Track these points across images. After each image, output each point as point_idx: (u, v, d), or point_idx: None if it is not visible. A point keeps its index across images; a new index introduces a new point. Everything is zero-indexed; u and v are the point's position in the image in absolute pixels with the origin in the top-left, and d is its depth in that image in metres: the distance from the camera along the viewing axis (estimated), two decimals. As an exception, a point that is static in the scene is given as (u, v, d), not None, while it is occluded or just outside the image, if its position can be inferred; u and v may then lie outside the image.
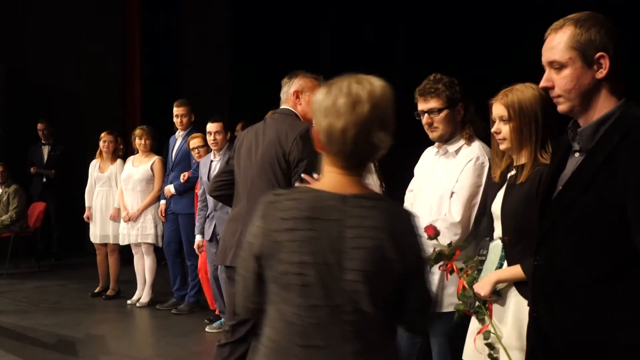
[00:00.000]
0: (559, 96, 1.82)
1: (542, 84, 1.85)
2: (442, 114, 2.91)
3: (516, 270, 2.40)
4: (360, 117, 1.62)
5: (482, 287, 2.47)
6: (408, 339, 3.05)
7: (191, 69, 9.44)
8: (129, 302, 6.40)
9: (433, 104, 2.92)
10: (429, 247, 2.68)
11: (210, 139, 5.43)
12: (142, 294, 6.40)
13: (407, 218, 1.69)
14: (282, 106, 3.35)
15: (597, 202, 1.71)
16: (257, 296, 1.72)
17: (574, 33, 1.77)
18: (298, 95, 3.31)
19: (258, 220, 1.68)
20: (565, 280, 1.79)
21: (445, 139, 2.97)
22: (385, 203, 1.69)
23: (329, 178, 1.69)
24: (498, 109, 2.51)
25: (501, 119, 2.50)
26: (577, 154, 1.84)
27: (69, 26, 9.03)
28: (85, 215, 6.79)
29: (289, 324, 1.64)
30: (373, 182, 3.86)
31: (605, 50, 1.75)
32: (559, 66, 1.79)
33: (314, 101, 1.70)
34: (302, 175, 3.22)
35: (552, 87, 1.82)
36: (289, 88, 3.34)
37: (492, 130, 2.56)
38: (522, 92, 2.47)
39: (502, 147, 2.54)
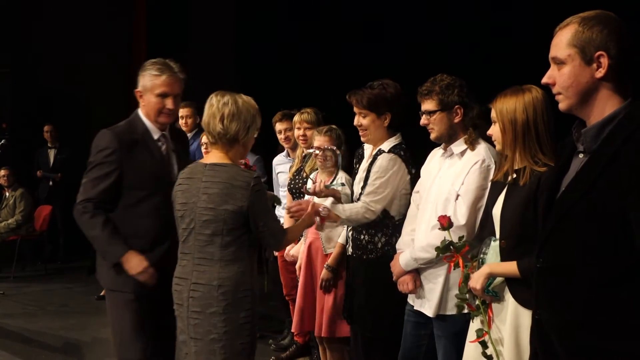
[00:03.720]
0: (559, 93, 1.83)
1: (544, 80, 1.85)
2: (435, 116, 2.94)
3: (510, 267, 2.41)
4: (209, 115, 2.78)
5: (476, 280, 2.49)
6: (413, 342, 3.05)
7: (197, 72, 9.44)
8: None
9: (427, 105, 2.96)
10: (440, 237, 2.71)
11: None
12: None
13: (241, 178, 2.70)
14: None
15: (599, 205, 1.70)
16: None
17: (576, 31, 1.77)
18: (140, 94, 3.12)
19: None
20: (567, 283, 1.77)
21: (445, 140, 2.99)
22: (229, 168, 2.73)
23: (208, 154, 2.86)
24: (492, 112, 2.61)
25: (493, 121, 2.60)
26: (581, 155, 1.83)
27: (74, 30, 9.06)
28: None
29: (179, 242, 2.84)
30: (345, 178, 3.84)
31: (605, 49, 1.73)
32: (559, 63, 1.80)
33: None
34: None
35: (553, 84, 1.83)
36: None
37: (487, 132, 2.64)
38: (510, 94, 2.55)
39: (497, 148, 2.64)
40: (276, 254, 4.76)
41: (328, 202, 3.22)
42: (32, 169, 8.78)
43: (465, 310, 2.66)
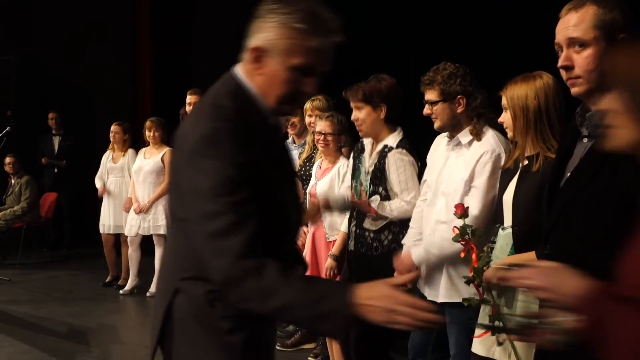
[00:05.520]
0: (578, 77, 1.74)
1: (562, 62, 1.77)
2: (438, 106, 2.91)
3: (529, 257, 2.39)
4: None
5: (493, 273, 2.47)
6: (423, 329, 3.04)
7: (201, 59, 9.43)
8: (121, 292, 6.47)
9: (429, 95, 2.94)
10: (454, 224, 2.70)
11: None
12: (134, 282, 6.55)
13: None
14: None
15: (606, 189, 1.67)
16: None
17: (598, 12, 1.71)
18: (260, 54, 1.71)
19: None
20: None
21: (449, 129, 2.97)
22: None
23: None
24: (502, 99, 2.59)
25: (504, 108, 2.59)
26: (585, 140, 1.80)
27: (79, 16, 9.04)
28: (99, 193, 6.90)
29: None
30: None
31: (627, 32, 1.70)
32: (580, 45, 1.73)
33: None
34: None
35: (572, 67, 1.75)
36: (251, 38, 1.74)
37: (498, 120, 2.63)
38: (520, 81, 2.53)
39: (509, 135, 2.62)
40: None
41: (375, 202, 3.20)
42: (37, 157, 8.80)
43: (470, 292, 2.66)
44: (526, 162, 2.54)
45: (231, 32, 9.83)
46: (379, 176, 3.23)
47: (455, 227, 2.67)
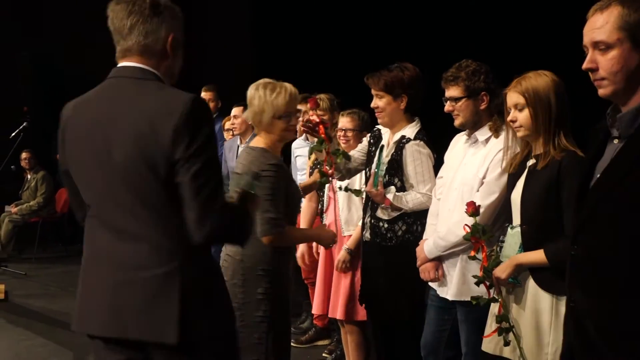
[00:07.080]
0: (603, 79, 1.74)
1: (586, 65, 1.77)
2: (462, 103, 2.89)
3: (538, 256, 2.40)
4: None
5: (503, 271, 2.47)
6: (436, 327, 3.04)
7: (212, 57, 9.45)
8: None
9: (453, 92, 2.91)
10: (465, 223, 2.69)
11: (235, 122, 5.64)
12: None
13: (258, 162, 2.84)
14: (125, 62, 2.14)
15: (637, 191, 1.65)
16: None
17: (622, 13, 1.70)
18: (173, 43, 2.06)
19: None
20: (603, 270, 1.74)
21: (470, 127, 2.95)
22: (256, 152, 2.89)
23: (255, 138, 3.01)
24: (513, 97, 2.54)
25: (516, 107, 2.53)
26: (616, 141, 1.77)
27: (92, 12, 9.05)
28: None
29: None
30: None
31: None
32: (605, 47, 1.72)
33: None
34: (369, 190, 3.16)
35: (596, 69, 1.75)
36: (159, 27, 2.04)
37: (508, 119, 2.57)
38: (535, 78, 2.51)
39: (519, 134, 2.56)
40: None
41: (390, 194, 3.18)
42: (51, 152, 8.85)
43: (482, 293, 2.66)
44: (533, 160, 2.53)
45: (242, 30, 9.83)
46: (395, 167, 3.21)
47: (466, 225, 2.66)
